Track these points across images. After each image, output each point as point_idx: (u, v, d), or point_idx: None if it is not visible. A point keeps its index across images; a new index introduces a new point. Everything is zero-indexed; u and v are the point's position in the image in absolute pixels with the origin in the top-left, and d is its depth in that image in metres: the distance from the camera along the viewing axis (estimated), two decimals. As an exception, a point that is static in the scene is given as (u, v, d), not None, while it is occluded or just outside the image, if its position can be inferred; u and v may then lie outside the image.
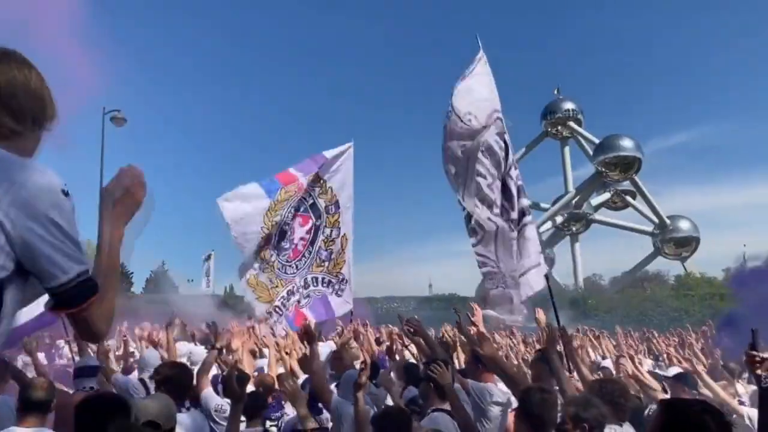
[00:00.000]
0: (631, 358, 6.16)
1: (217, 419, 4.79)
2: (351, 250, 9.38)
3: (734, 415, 4.81)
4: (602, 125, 79.25)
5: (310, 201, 9.34)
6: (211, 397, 5.09)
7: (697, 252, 46.82)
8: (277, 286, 8.93)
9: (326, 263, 9.24)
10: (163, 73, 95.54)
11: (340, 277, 9.25)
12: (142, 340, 8.48)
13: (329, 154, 9.36)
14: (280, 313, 8.86)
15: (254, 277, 8.84)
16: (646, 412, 5.03)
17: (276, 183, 9.04)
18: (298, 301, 9.02)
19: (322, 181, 9.35)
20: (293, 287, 9.04)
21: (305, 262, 9.21)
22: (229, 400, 4.88)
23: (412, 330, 5.71)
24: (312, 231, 9.32)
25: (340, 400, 4.65)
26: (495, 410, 4.84)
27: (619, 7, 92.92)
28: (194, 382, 4.88)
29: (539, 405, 3.43)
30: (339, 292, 9.19)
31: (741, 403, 5.64)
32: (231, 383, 3.95)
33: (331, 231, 9.36)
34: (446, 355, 5.84)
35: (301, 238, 9.26)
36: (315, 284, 9.18)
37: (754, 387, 6.60)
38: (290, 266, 9.08)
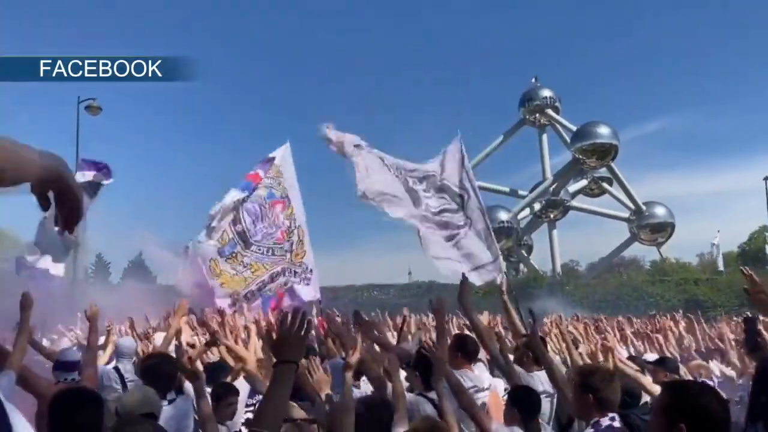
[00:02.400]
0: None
1: None
2: (308, 241, 9.53)
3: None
4: (580, 113, 79.90)
5: (279, 192, 9.65)
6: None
7: (672, 238, 47.48)
8: (256, 271, 9.07)
9: (288, 254, 9.40)
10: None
11: (304, 266, 9.38)
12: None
13: (275, 153, 9.85)
14: (251, 298, 9.00)
15: (215, 263, 9.02)
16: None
17: (249, 183, 9.50)
18: (285, 283, 9.22)
19: (276, 175, 9.70)
20: (279, 269, 9.22)
21: (288, 247, 9.37)
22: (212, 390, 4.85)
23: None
24: (288, 218, 9.59)
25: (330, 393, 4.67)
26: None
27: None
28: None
29: (602, 384, 3.60)
30: (306, 281, 9.34)
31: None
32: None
33: (290, 222, 9.57)
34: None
35: (284, 222, 9.53)
36: (290, 274, 9.34)
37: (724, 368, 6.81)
38: (280, 247, 9.29)
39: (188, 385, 5.08)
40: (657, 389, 4.75)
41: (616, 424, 3.46)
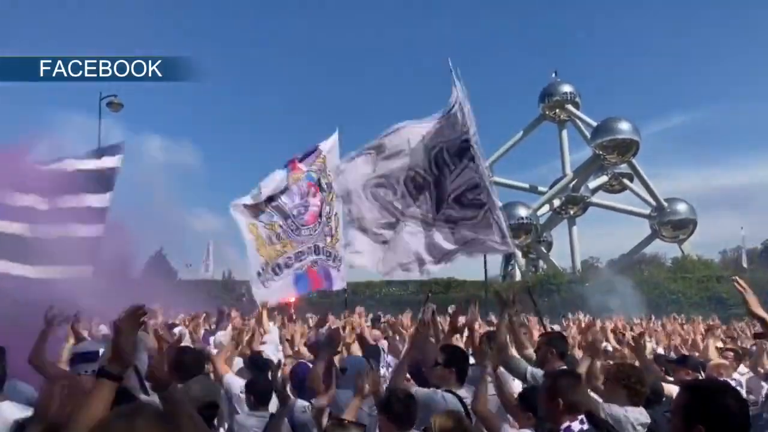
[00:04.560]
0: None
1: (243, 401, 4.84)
2: (342, 231, 9.68)
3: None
4: (600, 108, 79.06)
5: (317, 176, 9.81)
6: (234, 380, 5.12)
7: (694, 234, 46.89)
8: (285, 246, 9.26)
9: (328, 238, 9.61)
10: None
11: (337, 254, 9.58)
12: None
13: (325, 145, 9.91)
14: (278, 273, 9.16)
15: (254, 226, 9.16)
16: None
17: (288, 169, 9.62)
18: (314, 262, 9.40)
19: (322, 160, 9.85)
20: (305, 249, 9.39)
21: (318, 230, 9.56)
22: None
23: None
24: (321, 203, 9.75)
25: (337, 389, 4.69)
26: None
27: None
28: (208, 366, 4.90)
29: (569, 387, 3.51)
30: (338, 269, 9.55)
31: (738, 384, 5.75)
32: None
33: (331, 208, 9.76)
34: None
35: (315, 206, 9.70)
36: (323, 254, 9.53)
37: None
38: (306, 229, 9.48)
39: (227, 380, 5.14)
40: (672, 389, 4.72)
41: (585, 426, 3.39)
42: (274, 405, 4.54)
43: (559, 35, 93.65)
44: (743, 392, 5.65)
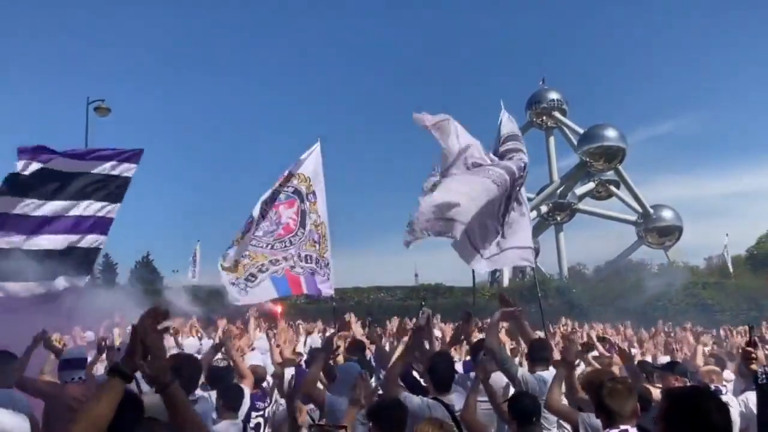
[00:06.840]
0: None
1: None
2: (329, 237, 9.67)
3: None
4: (587, 115, 79.74)
5: (292, 189, 9.74)
6: None
7: (680, 241, 47.28)
8: (253, 258, 9.19)
9: (317, 245, 9.57)
10: (150, 61, 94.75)
11: (326, 261, 9.56)
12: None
13: (303, 156, 9.89)
14: (252, 280, 9.10)
15: (225, 259, 9.16)
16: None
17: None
18: (291, 267, 9.31)
19: (298, 173, 9.81)
20: (285, 256, 9.31)
21: (299, 239, 9.50)
22: None
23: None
24: (299, 213, 9.67)
25: (333, 396, 4.69)
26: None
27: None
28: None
29: (606, 396, 3.47)
30: (326, 276, 9.51)
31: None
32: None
33: (316, 217, 9.71)
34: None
35: (290, 218, 9.58)
36: (308, 261, 9.48)
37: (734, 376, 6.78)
38: (280, 242, 9.41)
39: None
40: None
41: None
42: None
43: (547, 42, 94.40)
44: (731, 396, 5.69)
